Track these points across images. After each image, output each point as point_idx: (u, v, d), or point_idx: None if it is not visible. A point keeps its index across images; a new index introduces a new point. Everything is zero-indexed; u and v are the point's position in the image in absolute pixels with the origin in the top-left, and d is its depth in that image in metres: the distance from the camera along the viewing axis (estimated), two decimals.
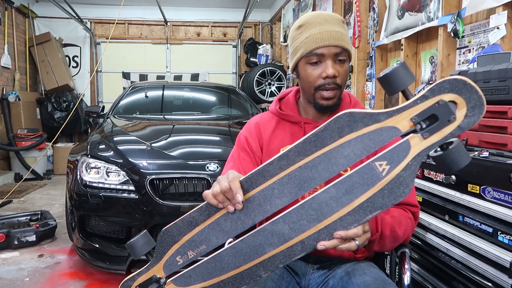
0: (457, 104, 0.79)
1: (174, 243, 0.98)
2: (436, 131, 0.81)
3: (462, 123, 0.79)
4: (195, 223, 0.96)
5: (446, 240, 1.57)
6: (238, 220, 0.94)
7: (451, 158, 0.81)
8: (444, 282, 1.58)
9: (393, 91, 0.84)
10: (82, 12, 6.80)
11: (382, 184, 0.84)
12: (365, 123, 0.85)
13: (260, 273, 0.92)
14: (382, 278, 1.11)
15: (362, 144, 0.85)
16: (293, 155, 0.89)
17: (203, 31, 7.67)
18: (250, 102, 4.14)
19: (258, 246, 0.92)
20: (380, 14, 3.44)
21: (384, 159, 0.85)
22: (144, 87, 4.12)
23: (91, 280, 2.49)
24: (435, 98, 0.80)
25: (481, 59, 1.72)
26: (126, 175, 2.42)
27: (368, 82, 3.78)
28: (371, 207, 0.85)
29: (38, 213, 3.38)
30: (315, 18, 1.14)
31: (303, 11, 5.23)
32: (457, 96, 0.79)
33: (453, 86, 0.79)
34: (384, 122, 0.84)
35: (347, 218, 0.87)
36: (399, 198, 0.85)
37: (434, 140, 0.81)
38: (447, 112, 0.79)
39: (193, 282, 0.96)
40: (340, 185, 0.87)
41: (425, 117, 0.81)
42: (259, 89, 6.14)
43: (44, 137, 5.84)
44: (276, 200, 0.91)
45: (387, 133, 0.84)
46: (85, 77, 7.21)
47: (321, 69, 1.12)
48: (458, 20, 2.43)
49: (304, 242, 0.89)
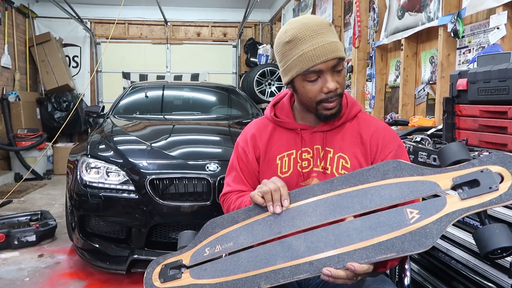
0: (503, 178, 0.80)
1: (213, 234, 1.04)
2: (474, 195, 0.81)
3: (504, 194, 0.79)
4: (237, 220, 1.03)
5: (446, 240, 1.57)
6: (269, 227, 0.98)
7: (487, 234, 0.80)
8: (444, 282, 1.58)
9: (444, 163, 0.89)
10: (82, 12, 6.80)
11: (407, 229, 0.85)
12: (409, 173, 0.90)
13: (260, 283, 0.94)
14: (382, 278, 1.11)
15: (400, 190, 0.89)
16: (336, 182, 0.97)
17: (203, 31, 7.66)
18: (250, 102, 4.14)
19: (273, 255, 0.95)
20: (380, 14, 3.44)
21: (417, 208, 0.87)
22: (144, 87, 4.12)
23: (91, 280, 2.49)
24: (481, 166, 0.83)
25: (481, 59, 1.72)
26: (126, 175, 2.42)
27: (368, 82, 3.78)
28: (389, 248, 0.85)
29: (38, 213, 3.38)
30: (304, 31, 1.06)
31: (303, 11, 5.23)
32: (504, 169, 0.81)
33: (502, 160, 0.82)
34: (427, 176, 0.88)
35: (360, 253, 0.87)
36: (420, 248, 0.83)
37: (471, 204, 0.81)
38: (490, 180, 0.81)
39: (204, 276, 1.00)
40: (366, 220, 0.90)
41: (467, 181, 0.83)
42: (259, 89, 6.14)
43: (44, 137, 5.84)
44: (308, 218, 0.96)
45: (427, 187, 0.87)
46: (85, 77, 7.21)
47: (321, 84, 1.08)
48: (458, 20, 2.43)
49: (313, 263, 0.91)
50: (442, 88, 2.59)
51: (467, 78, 1.59)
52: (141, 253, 2.34)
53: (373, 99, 3.61)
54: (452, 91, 1.69)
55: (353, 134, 1.18)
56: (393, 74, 3.41)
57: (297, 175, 1.17)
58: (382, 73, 3.55)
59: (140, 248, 2.37)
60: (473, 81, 1.57)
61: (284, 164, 1.19)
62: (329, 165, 1.15)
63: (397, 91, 3.25)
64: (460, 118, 1.67)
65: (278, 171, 1.19)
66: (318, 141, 1.18)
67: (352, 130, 1.18)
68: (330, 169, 1.15)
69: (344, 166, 1.14)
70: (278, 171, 1.19)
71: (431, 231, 0.83)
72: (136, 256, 2.33)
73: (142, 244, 2.37)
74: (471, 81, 1.58)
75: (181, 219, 2.39)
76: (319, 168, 1.16)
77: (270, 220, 0.99)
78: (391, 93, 3.48)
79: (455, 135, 1.70)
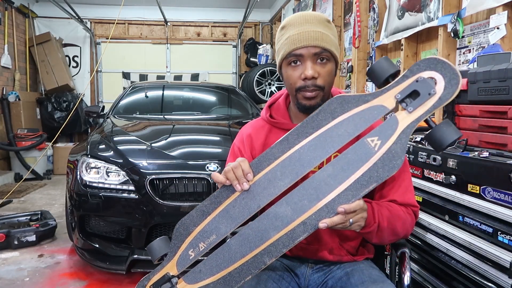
0: (435, 80, 0.88)
1: (188, 235, 1.01)
2: (419, 105, 0.89)
3: (442, 95, 0.88)
4: (207, 212, 1.00)
5: (446, 240, 1.57)
6: (245, 206, 0.97)
7: (440, 133, 0.88)
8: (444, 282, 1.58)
9: (378, 81, 0.94)
10: (82, 12, 6.80)
11: (376, 158, 0.91)
12: (355, 104, 0.94)
13: (265, 259, 0.93)
14: (382, 279, 1.11)
15: (353, 123, 0.94)
16: (292, 137, 0.97)
17: (203, 31, 7.66)
18: (250, 102, 4.14)
19: (263, 231, 0.95)
20: (380, 14, 3.44)
21: (375, 135, 0.92)
22: (144, 87, 4.12)
23: (91, 280, 2.49)
24: (414, 77, 0.90)
25: (481, 59, 1.72)
26: (126, 175, 2.42)
27: (368, 82, 3.78)
28: (367, 181, 0.91)
29: (38, 213, 3.38)
30: (297, 18, 1.12)
31: (303, 11, 5.23)
32: (433, 72, 0.89)
33: (428, 64, 0.89)
34: (372, 102, 0.93)
35: (345, 194, 0.92)
36: (393, 170, 0.90)
37: (419, 113, 0.89)
38: (427, 87, 0.89)
39: (203, 277, 0.98)
40: (336, 163, 0.94)
41: (408, 94, 0.90)
42: (259, 89, 6.14)
43: (44, 137, 5.84)
44: (279, 182, 0.96)
45: (375, 111, 0.93)
46: (85, 77, 7.21)
47: (301, 70, 1.09)
48: (458, 20, 2.43)
49: (306, 222, 0.93)
50: None
51: (467, 78, 1.59)
52: (141, 253, 2.34)
53: None
54: None
55: None
56: None
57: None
58: None
59: (140, 248, 2.37)
60: (473, 81, 1.57)
61: None
62: (325, 163, 1.15)
63: None
64: (460, 118, 1.67)
65: None
66: None
67: None
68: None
69: None
70: None
71: (396, 151, 0.90)
72: (136, 256, 2.33)
73: (142, 244, 2.37)
74: (471, 81, 1.58)
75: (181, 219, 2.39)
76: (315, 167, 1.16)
77: (243, 199, 0.97)
78: None
79: None
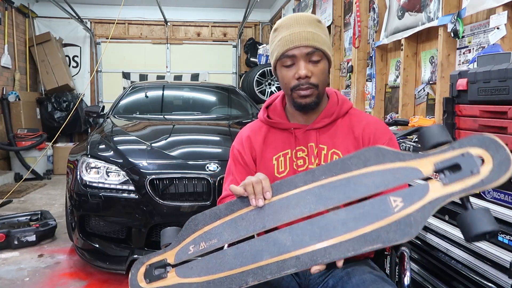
0: (484, 160, 0.79)
1: (196, 231, 1.02)
2: (457, 180, 0.80)
3: (485, 178, 0.78)
4: (219, 216, 1.01)
5: (446, 240, 1.57)
6: (252, 222, 0.97)
7: (472, 219, 0.78)
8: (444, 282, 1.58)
9: (424, 146, 0.86)
10: (82, 12, 6.80)
11: (392, 219, 0.84)
12: (390, 159, 0.88)
13: (248, 280, 0.92)
14: (382, 278, 1.11)
15: (383, 177, 0.88)
16: (318, 172, 0.95)
17: (203, 31, 7.66)
18: (250, 102, 4.14)
19: (259, 251, 0.94)
20: (380, 14, 3.44)
21: (400, 196, 0.85)
22: (144, 87, 4.12)
23: (91, 280, 2.49)
24: (462, 150, 0.81)
25: (481, 59, 1.72)
26: (126, 175, 2.42)
27: (368, 82, 3.78)
28: (374, 240, 0.85)
29: (38, 213, 3.38)
30: (288, 20, 1.15)
31: (303, 11, 5.23)
32: (484, 151, 0.79)
33: (481, 142, 0.80)
34: (409, 162, 0.86)
35: (346, 245, 0.86)
36: (405, 237, 0.82)
37: (454, 189, 0.80)
38: (471, 164, 0.79)
39: (191, 274, 0.99)
40: (351, 210, 0.89)
41: (449, 165, 0.81)
42: (259, 89, 6.14)
43: (44, 137, 5.84)
44: (291, 210, 0.94)
45: (409, 174, 0.86)
46: (85, 77, 7.21)
47: (295, 70, 1.13)
48: (458, 20, 2.43)
49: (300, 258, 0.90)
50: (442, 88, 2.59)
51: (467, 78, 1.59)
52: (141, 253, 2.34)
53: (373, 99, 3.61)
54: (452, 91, 1.69)
55: (345, 130, 1.21)
56: (393, 74, 3.41)
57: (294, 174, 1.17)
58: (382, 73, 3.55)
59: (140, 248, 2.37)
60: (473, 81, 1.57)
61: (280, 164, 1.21)
62: (323, 161, 1.18)
63: (397, 91, 3.25)
64: (460, 118, 1.67)
65: (275, 172, 1.20)
66: (312, 139, 1.20)
67: (344, 126, 1.21)
68: None
69: None
70: (275, 171, 1.21)
71: (415, 219, 0.82)
72: (136, 256, 2.32)
73: (142, 244, 2.37)
74: (471, 81, 1.58)
75: (181, 219, 2.39)
76: (314, 165, 1.18)
77: (253, 215, 0.97)
78: (391, 93, 3.48)
79: (455, 135, 1.70)
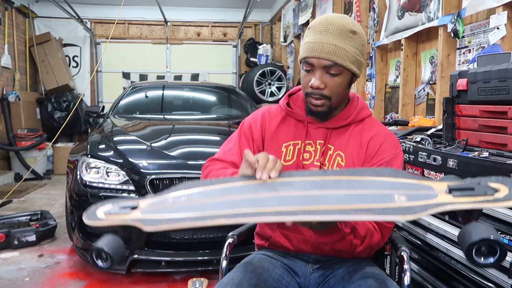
0: (499, 190, 0.80)
1: (181, 189, 0.95)
2: (467, 195, 0.80)
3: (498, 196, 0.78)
4: (212, 183, 0.96)
5: (446, 240, 1.57)
6: (244, 191, 0.91)
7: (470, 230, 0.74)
8: (444, 282, 1.58)
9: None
10: (82, 12, 6.80)
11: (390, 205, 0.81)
12: (406, 176, 0.89)
13: (220, 219, 0.81)
14: (383, 278, 1.11)
15: (392, 186, 0.87)
16: (330, 172, 0.96)
17: (203, 31, 7.66)
18: (250, 102, 4.14)
19: (240, 203, 0.87)
20: (380, 14, 3.44)
21: (405, 194, 0.83)
22: (144, 87, 4.12)
23: (91, 280, 2.49)
24: (478, 180, 0.82)
25: (481, 59, 1.72)
26: (126, 175, 2.42)
27: (368, 82, 3.78)
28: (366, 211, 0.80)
29: (38, 213, 3.38)
30: (319, 23, 1.12)
31: (303, 11, 5.23)
32: (502, 185, 0.80)
33: (498, 179, 0.82)
34: (422, 181, 0.86)
35: (335, 211, 0.81)
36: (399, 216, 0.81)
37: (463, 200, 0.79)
38: (485, 188, 0.80)
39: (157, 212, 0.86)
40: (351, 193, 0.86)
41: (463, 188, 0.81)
42: (259, 89, 6.13)
43: (44, 137, 5.84)
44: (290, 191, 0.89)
45: (420, 187, 0.85)
46: (85, 77, 7.21)
47: (311, 78, 1.12)
48: (458, 20, 2.43)
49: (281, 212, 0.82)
50: (442, 88, 2.59)
51: (467, 78, 1.59)
52: (141, 253, 2.34)
53: (373, 99, 3.61)
54: (452, 91, 1.69)
55: (355, 136, 1.20)
56: (393, 74, 3.41)
57: (297, 165, 1.19)
58: (382, 73, 3.55)
59: (140, 248, 2.36)
60: (473, 81, 1.57)
61: (288, 152, 1.22)
62: (327, 161, 1.18)
63: (397, 91, 3.25)
64: (460, 118, 1.67)
65: (282, 159, 1.21)
66: (322, 136, 1.21)
67: (355, 133, 1.21)
68: (327, 166, 1.18)
69: (339, 164, 1.17)
70: (282, 158, 1.21)
71: (415, 209, 0.79)
72: (136, 256, 2.32)
73: (142, 244, 2.37)
74: (471, 81, 1.58)
75: None
76: (318, 162, 1.19)
77: (250, 187, 0.92)
78: (391, 93, 3.48)
79: (455, 135, 1.70)
